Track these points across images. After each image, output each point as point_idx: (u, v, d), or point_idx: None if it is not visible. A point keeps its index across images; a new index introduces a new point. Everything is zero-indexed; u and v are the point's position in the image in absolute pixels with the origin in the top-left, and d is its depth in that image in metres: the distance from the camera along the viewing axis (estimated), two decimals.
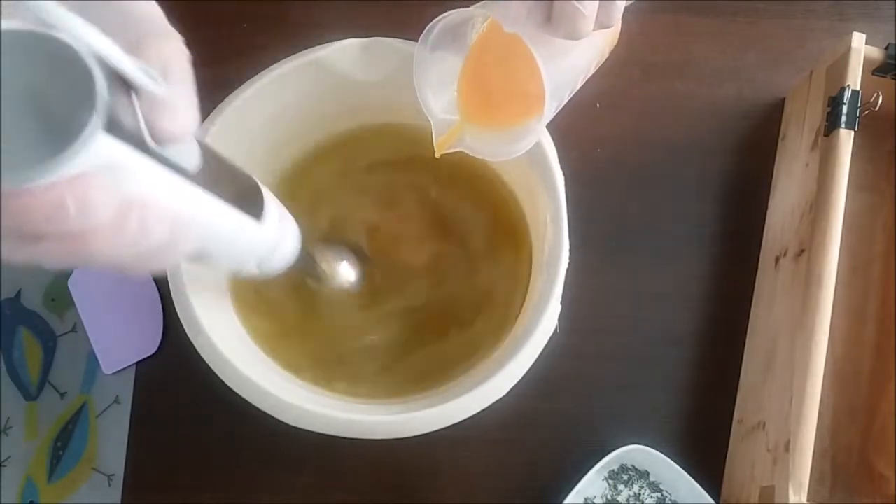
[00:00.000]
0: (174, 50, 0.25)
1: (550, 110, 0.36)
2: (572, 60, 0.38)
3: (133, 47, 0.23)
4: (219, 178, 0.29)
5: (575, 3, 0.31)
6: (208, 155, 0.28)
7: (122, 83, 0.22)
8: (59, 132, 0.21)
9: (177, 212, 0.26)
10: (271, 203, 0.35)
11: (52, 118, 0.21)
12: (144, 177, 0.24)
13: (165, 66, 0.24)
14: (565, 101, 0.39)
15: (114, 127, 0.22)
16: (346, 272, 0.48)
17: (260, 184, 0.34)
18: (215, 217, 0.30)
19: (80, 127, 0.21)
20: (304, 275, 0.46)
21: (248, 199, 0.32)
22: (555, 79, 0.35)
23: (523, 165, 0.45)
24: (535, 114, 0.37)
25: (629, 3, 0.34)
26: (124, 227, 0.23)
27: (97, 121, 0.21)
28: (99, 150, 0.21)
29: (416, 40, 0.38)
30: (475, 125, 0.41)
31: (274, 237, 0.35)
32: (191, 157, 0.27)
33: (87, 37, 0.21)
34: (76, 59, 0.21)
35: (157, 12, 0.26)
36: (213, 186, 0.28)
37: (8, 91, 0.21)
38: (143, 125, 0.23)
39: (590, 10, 0.32)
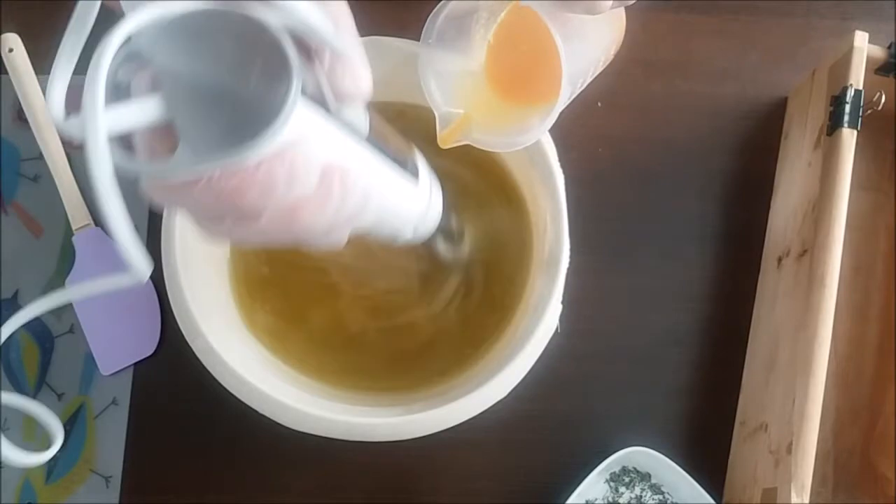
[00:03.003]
0: (339, 4, 0.25)
1: (565, 95, 0.36)
2: (586, 48, 0.38)
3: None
4: (383, 140, 0.29)
5: None
6: (372, 116, 0.28)
7: (301, 49, 0.23)
8: (257, 109, 0.21)
9: (367, 174, 0.26)
10: (422, 163, 0.34)
11: (246, 96, 0.21)
12: (335, 142, 0.25)
13: (335, 21, 0.24)
14: (576, 93, 0.39)
15: (304, 95, 0.22)
16: (470, 235, 0.48)
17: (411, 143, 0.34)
18: (388, 179, 0.30)
19: (281, 100, 0.21)
20: (440, 237, 0.45)
21: (405, 160, 0.32)
22: (570, 63, 0.35)
23: (524, 164, 0.45)
24: (550, 98, 0.36)
25: None
26: (330, 192, 0.24)
27: (296, 92, 0.21)
28: (298, 120, 0.22)
29: (415, 39, 0.38)
30: (494, 103, 0.41)
31: (427, 198, 0.35)
32: (363, 120, 0.27)
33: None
34: (263, 31, 0.21)
35: None
36: (380, 149, 0.29)
37: (205, 74, 0.21)
38: (325, 88, 0.24)
39: None
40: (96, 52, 0.20)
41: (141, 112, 0.21)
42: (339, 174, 0.24)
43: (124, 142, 0.22)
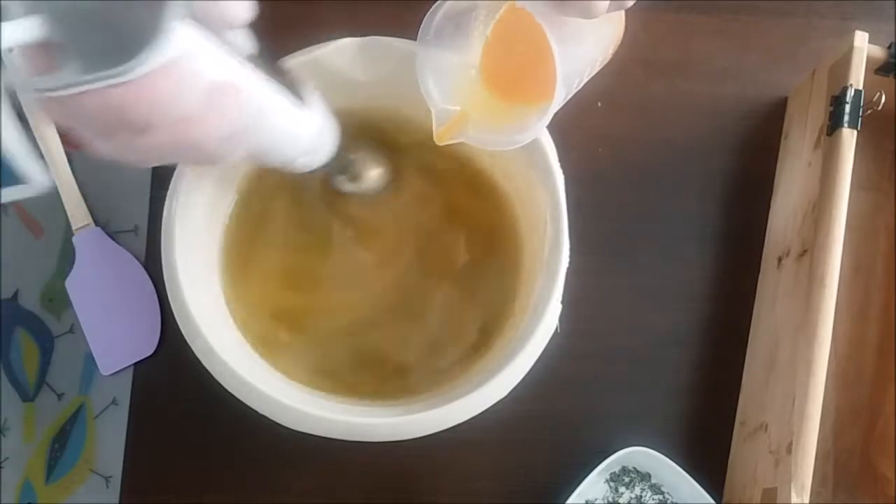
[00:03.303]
0: None
1: (560, 96, 0.36)
2: (583, 49, 0.38)
3: None
4: (269, 67, 0.31)
5: None
6: (258, 47, 0.31)
7: None
8: (141, 27, 0.23)
9: (257, 93, 0.29)
10: (313, 94, 0.37)
11: (128, 16, 0.23)
12: (222, 61, 0.27)
13: None
14: (572, 93, 0.39)
15: (185, 16, 0.24)
16: (374, 171, 0.48)
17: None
18: (277, 100, 0.32)
19: (161, 18, 0.23)
20: (338, 172, 0.46)
21: (293, 86, 0.34)
22: (565, 64, 0.35)
23: (522, 164, 0.45)
24: (545, 98, 0.36)
25: None
26: (220, 107, 0.26)
27: (173, 11, 0.23)
28: (181, 38, 0.23)
29: (414, 39, 0.38)
30: (491, 101, 0.41)
31: (319, 125, 0.37)
32: (247, 43, 0.30)
33: None
34: None
35: None
36: (268, 73, 0.31)
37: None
38: (207, 10, 0.25)
39: None
40: None
41: (22, 31, 0.22)
42: (231, 91, 0.26)
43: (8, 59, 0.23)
